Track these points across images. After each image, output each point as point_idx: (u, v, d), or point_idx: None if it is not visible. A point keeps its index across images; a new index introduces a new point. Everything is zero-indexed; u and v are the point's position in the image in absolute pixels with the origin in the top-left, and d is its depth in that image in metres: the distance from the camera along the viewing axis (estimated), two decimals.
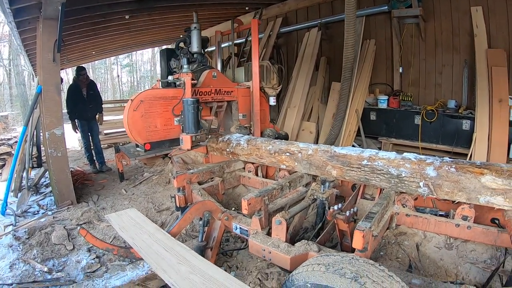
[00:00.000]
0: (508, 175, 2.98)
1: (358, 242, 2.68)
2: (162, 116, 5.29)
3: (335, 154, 3.95)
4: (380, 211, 3.16)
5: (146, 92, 5.19)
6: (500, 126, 7.06)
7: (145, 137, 5.10)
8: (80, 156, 10.93)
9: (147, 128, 5.11)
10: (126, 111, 4.91)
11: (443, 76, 8.65)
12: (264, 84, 7.14)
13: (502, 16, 7.60)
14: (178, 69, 6.50)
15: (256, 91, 6.76)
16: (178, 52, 6.63)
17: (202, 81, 6.00)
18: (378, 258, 3.53)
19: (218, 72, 6.39)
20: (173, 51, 6.94)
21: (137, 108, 4.93)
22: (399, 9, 8.44)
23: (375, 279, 2.20)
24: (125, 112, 4.95)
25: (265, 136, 6.63)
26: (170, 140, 5.48)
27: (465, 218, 3.44)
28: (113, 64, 44.49)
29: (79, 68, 8.99)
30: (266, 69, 7.19)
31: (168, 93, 5.39)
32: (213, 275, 2.75)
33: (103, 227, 5.51)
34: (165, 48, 7.44)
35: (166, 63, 6.94)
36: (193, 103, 5.12)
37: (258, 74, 6.70)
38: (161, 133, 5.32)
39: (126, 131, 5.04)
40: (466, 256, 3.52)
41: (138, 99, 4.96)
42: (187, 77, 5.37)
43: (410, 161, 3.46)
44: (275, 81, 7.36)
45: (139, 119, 4.99)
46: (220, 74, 6.54)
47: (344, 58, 7.04)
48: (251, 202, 3.46)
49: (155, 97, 5.20)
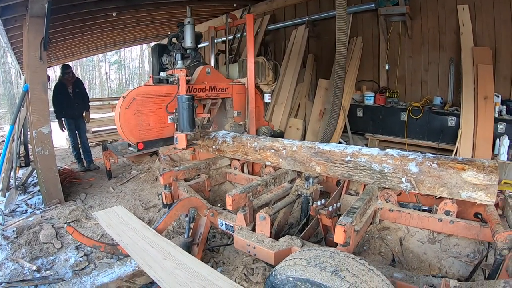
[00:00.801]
0: (489, 171, 3.05)
1: (340, 236, 2.71)
2: (156, 114, 5.13)
3: (319, 150, 4.00)
4: (362, 206, 3.20)
5: (138, 89, 5.02)
6: (485, 123, 7.15)
7: (138, 136, 4.93)
8: (68, 154, 10.87)
9: (140, 126, 4.94)
10: (118, 109, 4.72)
11: (429, 74, 8.74)
12: (259, 81, 7.11)
13: (488, 14, 7.69)
14: (170, 65, 6.48)
15: (252, 88, 6.66)
16: (171, 47, 6.54)
17: (196, 77, 5.83)
18: (362, 252, 3.58)
19: (212, 68, 6.22)
20: (165, 47, 6.84)
21: (129, 106, 4.76)
22: (386, 7, 8.50)
23: (355, 272, 2.24)
24: (116, 110, 4.78)
25: (261, 134, 6.58)
26: (164, 139, 5.31)
27: (448, 213, 3.50)
28: (101, 61, 44.24)
29: (64, 66, 8.82)
30: (261, 65, 7.16)
31: (162, 90, 5.23)
32: (198, 270, 2.79)
33: (91, 225, 5.51)
34: (157, 44, 7.35)
35: (158, 59, 6.84)
36: (188, 100, 4.99)
37: (253, 70, 6.60)
38: (155, 132, 5.15)
39: (118, 130, 4.88)
40: (449, 250, 3.59)
41: (130, 96, 4.78)
42: (181, 73, 5.24)
43: (393, 157, 3.51)
44: (270, 78, 7.38)
45: (131, 117, 4.82)
46: (215, 70, 6.37)
47: (337, 55, 6.94)
48: (236, 198, 3.51)
49: (148, 94, 5.03)
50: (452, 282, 2.36)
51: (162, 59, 6.74)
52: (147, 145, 5.06)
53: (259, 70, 7.13)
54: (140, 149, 4.97)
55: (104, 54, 39.76)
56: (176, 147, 5.32)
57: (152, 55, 7.11)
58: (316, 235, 4.04)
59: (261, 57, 7.35)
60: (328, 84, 9.29)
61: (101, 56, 41.33)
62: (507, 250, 2.75)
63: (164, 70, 6.11)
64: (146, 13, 9.76)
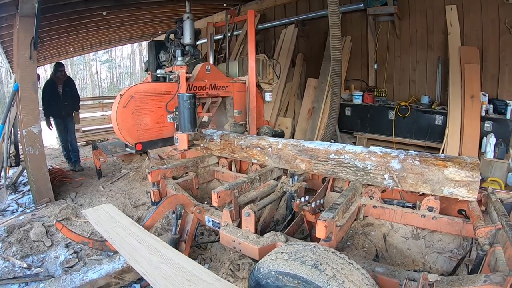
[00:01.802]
0: (471, 168, 3.09)
1: (321, 231, 2.76)
2: (154, 113, 4.84)
3: (304, 148, 4.04)
4: (344, 202, 3.25)
5: (136, 87, 4.70)
6: (472, 121, 7.25)
7: (136, 137, 4.63)
8: (58, 154, 10.85)
9: (138, 126, 4.64)
10: (115, 107, 4.42)
11: (417, 73, 8.86)
12: (260, 79, 6.86)
13: (476, 15, 7.80)
14: (168, 63, 6.34)
15: (253, 87, 6.44)
16: (169, 44, 6.31)
17: (196, 75, 5.53)
18: (345, 248, 3.62)
19: (212, 65, 5.95)
20: (162, 44, 6.63)
21: (126, 104, 4.46)
22: (375, 7, 8.61)
23: (334, 266, 2.31)
24: (113, 109, 4.48)
25: (262, 134, 6.36)
26: (163, 139, 5.04)
27: (431, 209, 3.55)
28: (92, 60, 43.86)
29: (58, 64, 8.57)
30: (262, 63, 6.92)
31: (161, 88, 4.95)
32: (183, 264, 2.84)
33: (80, 223, 5.55)
34: (154, 40, 7.11)
35: (154, 56, 6.63)
36: (190, 99, 4.76)
37: (254, 68, 6.39)
38: (153, 132, 4.86)
39: (115, 130, 4.56)
40: (433, 246, 3.64)
41: (128, 94, 4.48)
42: (182, 70, 5.01)
43: (376, 154, 3.56)
44: (271, 76, 7.13)
45: (129, 116, 4.51)
46: (214, 68, 6.08)
47: (332, 55, 7.00)
48: (221, 195, 3.54)
49: (147, 92, 4.73)
50: (433, 277, 2.40)
51: (159, 56, 6.53)
52: (146, 146, 4.82)
53: (260, 68, 6.90)
54: (138, 150, 4.71)
55: (95, 53, 39.53)
56: (177, 148, 5.19)
57: (148, 52, 6.93)
58: (302, 232, 4.10)
59: (262, 55, 7.06)
60: (317, 83, 9.39)
61: (92, 55, 41.03)
62: (488, 245, 2.80)
63: (161, 68, 5.80)
64: (136, 12, 9.79)
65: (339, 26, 6.61)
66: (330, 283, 2.20)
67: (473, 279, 2.39)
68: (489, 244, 2.81)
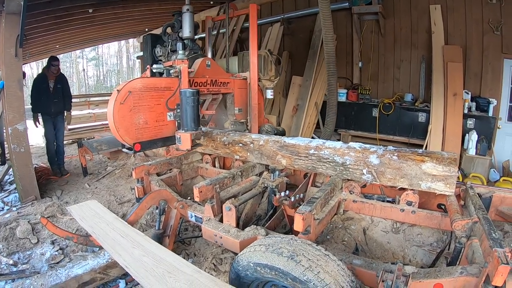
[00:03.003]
0: (448, 162, 3.17)
1: (298, 224, 2.82)
2: (154, 111, 4.45)
3: (285, 144, 4.09)
4: (322, 196, 3.30)
5: (135, 81, 4.28)
6: (454, 119, 7.38)
7: (135, 136, 4.24)
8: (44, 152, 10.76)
9: (137, 125, 4.25)
10: (111, 104, 4.03)
11: (401, 71, 8.99)
12: (262, 76, 6.75)
13: (460, 14, 7.94)
14: (164, 57, 6.02)
15: (254, 83, 6.15)
16: (166, 38, 5.98)
17: (196, 70, 5.23)
18: (325, 241, 3.68)
19: (212, 61, 5.63)
20: (158, 38, 6.33)
21: (124, 101, 4.07)
22: (359, 6, 8.71)
23: (310, 257, 2.37)
24: (109, 106, 4.07)
25: (263, 132, 6.15)
26: (163, 138, 4.64)
27: (410, 203, 3.62)
28: (79, 57, 43.36)
29: (52, 58, 8.13)
30: (263, 59, 6.76)
31: (161, 83, 4.55)
32: (164, 257, 2.88)
33: (66, 220, 5.55)
34: (150, 34, 6.74)
35: (150, 50, 6.31)
36: (193, 95, 4.42)
37: (256, 64, 6.10)
38: (153, 131, 4.48)
39: (111, 129, 4.17)
40: (413, 239, 3.72)
41: (125, 89, 4.09)
42: (184, 64, 4.68)
43: (355, 149, 3.62)
44: (272, 73, 6.96)
45: (127, 114, 4.12)
46: (214, 63, 5.73)
47: (326, 53, 6.94)
48: (203, 190, 3.59)
49: (146, 88, 4.34)
50: (410, 268, 2.48)
51: (155, 51, 6.16)
52: (145, 146, 4.42)
53: (262, 64, 6.73)
54: (137, 151, 4.34)
55: (82, 51, 38.94)
56: (179, 148, 4.81)
57: (143, 47, 6.74)
58: (285, 226, 4.16)
59: (264, 50, 6.96)
60: (302, 81, 9.45)
61: (78, 53, 40.47)
62: (465, 238, 2.88)
63: (157, 63, 5.55)
64: (122, 10, 9.74)
65: (331, 23, 6.53)
66: (306, 273, 2.26)
67: (449, 271, 2.46)
68: (466, 237, 2.89)
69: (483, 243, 2.51)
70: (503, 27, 7.54)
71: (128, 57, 43.16)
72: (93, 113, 13.93)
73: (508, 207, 3.56)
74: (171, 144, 4.83)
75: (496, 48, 7.75)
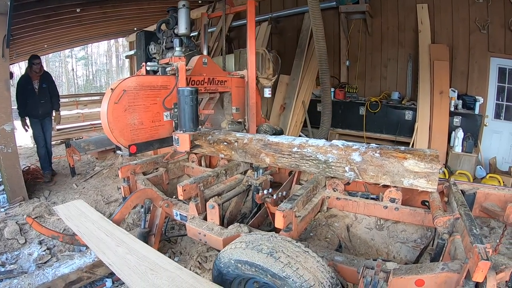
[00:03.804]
0: (430, 159, 3.19)
1: (279, 221, 2.86)
2: (150, 110, 4.25)
3: (268, 142, 4.10)
4: (304, 194, 3.35)
5: (130, 80, 4.06)
6: (441, 116, 7.44)
7: (130, 138, 4.05)
8: (32, 153, 10.65)
9: (132, 125, 4.05)
10: (105, 104, 3.82)
11: (388, 70, 9.06)
12: (260, 74, 6.48)
13: (447, 13, 8.01)
14: (159, 55, 5.85)
15: (252, 81, 5.96)
16: (160, 35, 5.76)
17: (193, 68, 4.96)
18: (308, 238, 3.73)
19: (209, 58, 5.38)
20: (152, 35, 6.12)
21: (119, 100, 3.87)
22: (347, 5, 8.77)
23: (289, 253, 2.40)
24: (103, 106, 3.87)
25: (261, 132, 5.98)
26: (160, 140, 4.44)
27: (393, 200, 3.68)
28: (68, 57, 42.94)
29: (33, 56, 7.61)
30: (261, 56, 6.54)
31: (157, 81, 4.34)
32: (147, 254, 2.92)
33: (53, 220, 5.55)
34: (143, 31, 6.50)
35: (144, 48, 6.11)
36: (192, 94, 4.22)
37: (254, 62, 5.94)
38: (148, 132, 4.28)
39: (105, 130, 3.96)
40: (397, 236, 3.78)
41: (120, 88, 3.89)
42: (181, 62, 4.47)
43: (338, 147, 3.64)
44: (270, 71, 6.73)
45: (121, 114, 3.92)
46: (211, 61, 5.47)
47: (318, 51, 6.93)
48: (186, 188, 3.61)
49: (142, 86, 4.13)
50: (392, 265, 2.50)
51: (149, 48, 5.95)
52: (141, 148, 4.18)
53: (259, 62, 6.45)
54: (132, 153, 4.10)
55: (71, 50, 38.64)
56: (177, 150, 4.62)
57: (136, 44, 6.45)
58: (270, 224, 4.18)
59: (261, 48, 6.73)
60: (289, 80, 9.48)
61: (67, 52, 40.10)
62: (447, 234, 2.92)
63: (151, 61, 5.31)
64: (110, 9, 9.74)
65: (321, 22, 6.52)
66: (285, 270, 2.29)
67: (431, 267, 2.48)
68: (448, 233, 2.93)
69: (465, 239, 2.53)
70: (489, 26, 7.61)
71: (117, 56, 42.85)
72: (81, 113, 13.84)
73: (492, 203, 3.62)
74: (168, 145, 4.63)
75: (482, 47, 7.81)
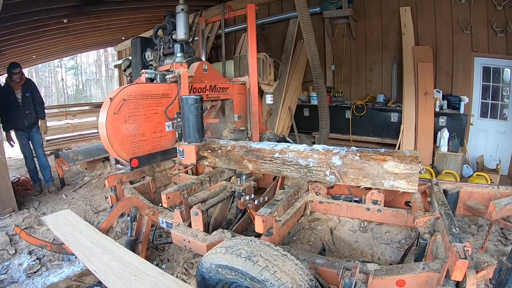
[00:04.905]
0: (410, 160, 3.25)
1: (259, 226, 2.92)
2: (151, 120, 4.05)
3: (251, 149, 4.16)
4: (285, 198, 3.39)
5: (130, 88, 3.85)
6: (426, 117, 7.56)
7: (131, 151, 3.85)
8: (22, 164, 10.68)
9: (133, 137, 3.85)
10: (104, 114, 3.62)
11: (373, 73, 9.18)
12: (261, 80, 6.37)
13: (430, 15, 8.15)
14: (156, 62, 5.60)
15: (254, 88, 5.78)
16: (157, 41, 5.53)
17: (193, 75, 4.66)
18: (291, 242, 3.76)
19: (209, 65, 5.18)
20: (148, 41, 5.92)
21: (118, 110, 3.66)
22: (330, 10, 8.86)
23: (267, 257, 2.46)
24: (101, 116, 3.65)
25: (265, 140, 5.85)
26: (162, 152, 4.27)
27: (375, 202, 3.72)
28: (58, 67, 42.52)
29: (12, 65, 7.13)
30: (262, 62, 6.46)
31: (158, 90, 4.14)
32: (131, 261, 2.99)
33: (43, 230, 5.59)
34: (139, 37, 6.29)
35: (139, 55, 5.88)
36: (196, 102, 4.03)
37: (256, 68, 5.79)
38: (150, 144, 4.08)
39: (104, 143, 3.76)
40: (381, 238, 3.82)
41: (119, 97, 3.68)
42: (183, 68, 4.28)
43: (318, 152, 3.70)
44: (271, 76, 6.62)
45: (121, 125, 3.72)
46: (211, 67, 5.26)
47: (310, 57, 6.77)
48: (170, 196, 3.65)
49: (142, 95, 3.92)
50: (373, 266, 2.55)
51: (145, 55, 5.65)
52: (143, 161, 4.01)
53: (260, 68, 6.34)
54: (134, 167, 3.92)
55: (60, 60, 38.37)
56: (183, 163, 4.47)
57: (131, 51, 6.16)
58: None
59: (262, 53, 6.54)
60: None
61: (57, 62, 39.82)
62: (428, 234, 2.98)
63: (147, 68, 5.10)
64: (97, 19, 9.81)
65: (311, 27, 6.40)
66: (263, 273, 2.35)
67: (411, 267, 2.52)
68: (429, 233, 2.98)
69: (445, 238, 2.57)
70: (472, 26, 7.74)
71: (106, 66, 42.77)
72: (71, 123, 13.73)
73: (476, 201, 3.68)
74: (171, 157, 4.51)
75: (466, 47, 7.95)
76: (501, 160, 7.54)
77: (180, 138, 4.29)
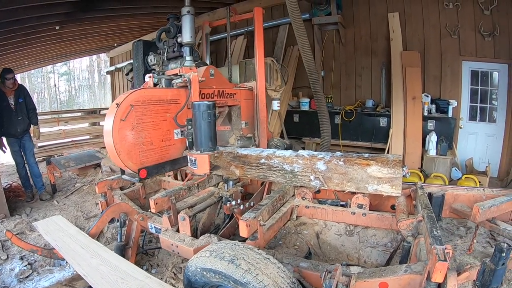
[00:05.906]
0: (393, 165, 3.31)
1: (243, 230, 3.00)
2: (159, 128, 3.79)
3: (238, 155, 4.19)
4: (269, 203, 3.47)
5: (137, 93, 3.58)
6: (414, 121, 7.65)
7: (139, 160, 3.57)
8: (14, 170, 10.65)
9: (141, 146, 3.58)
10: (110, 122, 3.33)
11: (362, 78, 9.28)
12: (268, 85, 6.27)
13: (418, 20, 8.26)
14: (159, 66, 5.16)
15: (262, 94, 5.60)
16: (161, 44, 5.16)
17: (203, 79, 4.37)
18: (277, 246, 3.83)
19: (215, 69, 4.83)
20: (151, 44, 5.63)
21: (126, 117, 3.40)
22: (319, 17, 8.96)
23: (250, 261, 2.52)
24: (107, 123, 3.37)
25: (273, 147, 5.68)
26: (171, 161, 3.98)
27: (361, 206, 3.79)
28: (50, 72, 42.63)
29: (5, 70, 7.04)
30: (269, 67, 6.39)
31: (166, 95, 3.90)
32: (118, 265, 3.07)
33: (34, 236, 5.62)
34: (141, 40, 5.97)
35: (142, 59, 5.62)
36: (209, 109, 3.78)
37: (263, 73, 5.64)
38: (159, 153, 3.81)
39: (110, 152, 3.47)
40: (367, 241, 3.88)
41: (126, 102, 3.42)
42: (193, 72, 4.08)
43: (303, 157, 3.76)
44: (278, 82, 6.53)
45: (129, 133, 3.45)
46: (218, 72, 4.92)
47: (305, 63, 6.59)
48: (158, 201, 3.72)
49: (150, 100, 3.68)
50: (356, 269, 2.61)
51: (148, 59, 5.27)
52: (151, 172, 3.71)
53: (268, 73, 6.27)
54: (142, 178, 3.60)
55: (53, 66, 38.30)
56: (195, 173, 4.11)
57: (133, 55, 5.89)
58: None
59: (269, 58, 6.50)
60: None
61: (49, 68, 39.84)
62: (412, 237, 3.04)
63: (150, 72, 4.68)
64: (89, 26, 9.87)
65: (304, 32, 6.22)
66: (245, 276, 2.41)
67: (394, 270, 2.57)
68: (412, 236, 3.04)
69: (427, 240, 2.61)
70: (460, 30, 7.86)
71: (99, 72, 42.75)
72: (63, 129, 13.68)
73: (462, 204, 3.74)
74: (180, 167, 4.25)
75: (454, 51, 8.06)
76: (490, 162, 7.62)
77: (191, 147, 4.03)
